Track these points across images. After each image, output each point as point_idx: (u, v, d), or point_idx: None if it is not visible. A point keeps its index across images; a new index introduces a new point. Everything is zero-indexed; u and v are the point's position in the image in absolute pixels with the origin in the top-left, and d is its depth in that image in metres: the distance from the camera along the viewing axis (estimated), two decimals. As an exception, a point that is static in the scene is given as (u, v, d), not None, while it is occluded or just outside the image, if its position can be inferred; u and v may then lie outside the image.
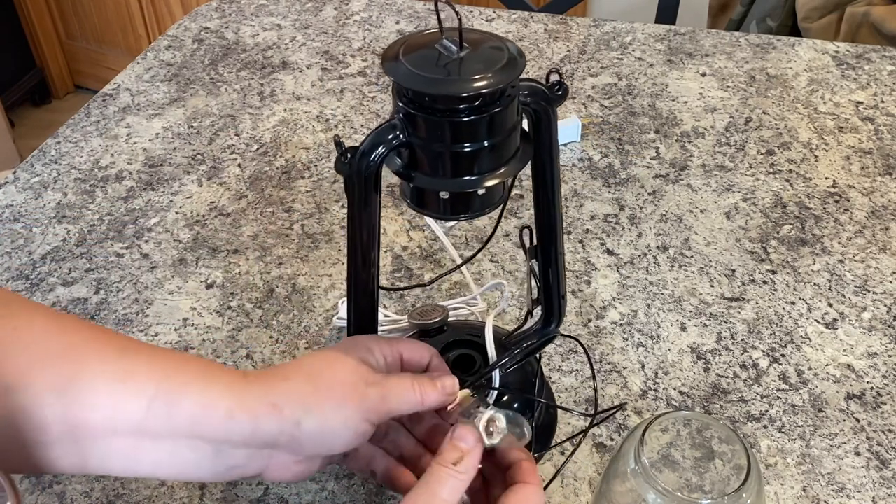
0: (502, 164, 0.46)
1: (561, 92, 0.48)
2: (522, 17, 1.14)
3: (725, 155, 0.89)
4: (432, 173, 0.46)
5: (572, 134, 0.91)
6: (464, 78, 0.42)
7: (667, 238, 0.79)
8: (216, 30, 1.14)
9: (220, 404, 0.43)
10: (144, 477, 0.45)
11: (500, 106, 0.44)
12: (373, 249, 0.51)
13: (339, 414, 0.45)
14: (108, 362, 0.43)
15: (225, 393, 0.44)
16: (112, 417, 0.42)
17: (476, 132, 0.44)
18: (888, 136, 0.91)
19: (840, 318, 0.70)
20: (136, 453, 0.43)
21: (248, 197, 0.85)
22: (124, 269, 0.77)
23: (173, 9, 2.33)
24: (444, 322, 0.61)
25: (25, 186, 0.87)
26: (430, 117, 0.44)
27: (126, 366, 0.43)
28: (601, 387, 0.65)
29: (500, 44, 0.45)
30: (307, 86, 1.01)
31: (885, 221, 0.80)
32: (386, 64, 0.44)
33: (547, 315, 0.58)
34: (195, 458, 0.44)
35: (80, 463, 0.43)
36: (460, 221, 0.80)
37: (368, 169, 0.47)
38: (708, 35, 1.09)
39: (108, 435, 0.42)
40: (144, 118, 0.97)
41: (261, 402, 0.44)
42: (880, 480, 0.58)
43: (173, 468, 0.44)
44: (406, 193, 0.49)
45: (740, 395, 0.64)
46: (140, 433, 0.43)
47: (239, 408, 0.43)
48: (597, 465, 0.60)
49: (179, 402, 0.43)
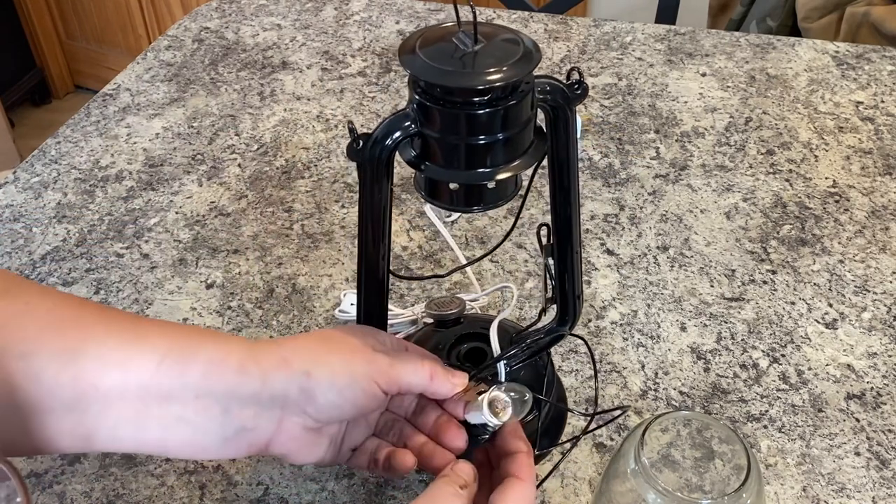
0: (514, 159, 0.47)
1: (580, 90, 0.48)
2: (522, 17, 1.14)
3: (725, 155, 0.89)
4: (444, 164, 0.46)
5: None
6: (477, 71, 0.43)
7: (667, 238, 0.79)
8: (216, 30, 1.14)
9: (232, 358, 0.44)
10: (151, 452, 0.45)
11: (514, 100, 0.44)
12: (384, 238, 0.51)
13: (347, 368, 0.46)
14: (118, 329, 0.43)
15: (236, 349, 0.45)
16: (122, 377, 0.42)
17: (488, 125, 0.45)
18: (888, 136, 0.91)
19: (840, 318, 0.70)
20: (143, 419, 0.43)
21: (248, 197, 0.85)
22: (124, 269, 0.77)
23: (173, 9, 2.33)
24: (460, 314, 0.62)
25: (25, 186, 0.87)
26: (443, 109, 0.44)
27: (137, 330, 0.44)
28: (601, 387, 0.65)
29: (515, 37, 0.45)
30: (307, 86, 1.01)
31: (885, 221, 0.80)
32: (403, 56, 0.44)
33: (562, 314, 0.58)
34: (203, 421, 0.44)
35: (85, 435, 0.42)
36: (473, 213, 0.80)
37: (381, 155, 0.47)
38: (708, 35, 1.09)
39: (116, 399, 0.42)
40: (144, 118, 0.97)
41: (271, 356, 0.45)
42: (880, 480, 0.58)
43: (180, 436, 0.44)
44: (419, 184, 0.50)
45: (740, 395, 0.64)
46: (149, 395, 0.42)
47: (250, 360, 0.44)
48: (597, 465, 0.60)
49: (193, 357, 0.43)
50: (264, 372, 0.44)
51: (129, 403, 0.42)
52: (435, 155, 0.46)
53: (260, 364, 0.44)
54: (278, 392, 0.45)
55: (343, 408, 0.47)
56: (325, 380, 0.45)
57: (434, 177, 0.48)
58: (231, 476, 0.59)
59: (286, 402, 0.45)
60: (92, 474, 0.60)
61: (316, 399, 0.45)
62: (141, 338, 0.43)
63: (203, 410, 0.44)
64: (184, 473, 0.60)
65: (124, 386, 0.42)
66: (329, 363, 0.46)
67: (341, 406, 0.46)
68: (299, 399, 0.45)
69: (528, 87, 0.45)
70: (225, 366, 0.44)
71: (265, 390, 0.44)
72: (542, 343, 0.58)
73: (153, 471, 0.60)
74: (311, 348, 0.46)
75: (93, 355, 0.42)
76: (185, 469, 0.60)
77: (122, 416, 0.42)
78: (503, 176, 0.46)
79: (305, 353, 0.46)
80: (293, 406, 0.45)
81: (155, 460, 0.60)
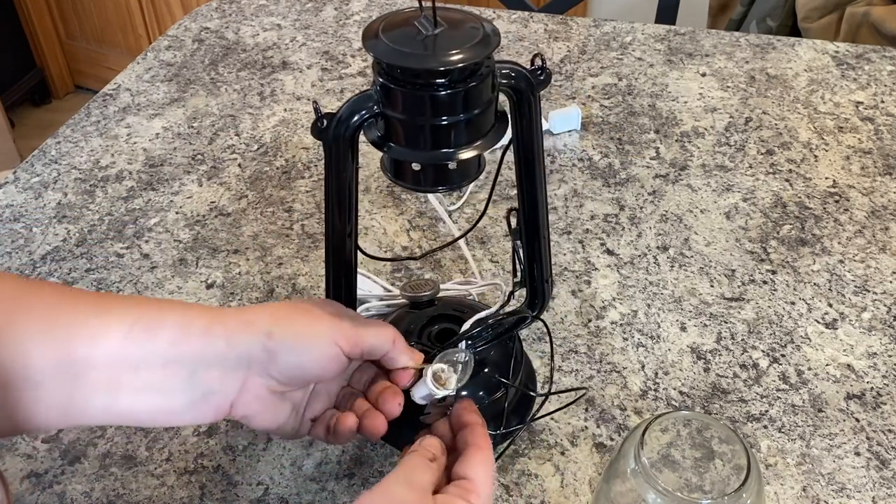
0: (476, 139, 0.48)
1: (543, 76, 0.49)
2: (522, 17, 1.15)
3: (725, 155, 0.89)
4: (406, 145, 0.48)
5: (573, 122, 0.93)
6: (437, 53, 0.44)
7: (667, 238, 0.79)
8: (216, 30, 1.14)
9: (198, 322, 0.45)
10: (123, 422, 0.46)
11: (473, 81, 0.45)
12: (350, 216, 0.52)
13: (310, 329, 0.48)
14: (83, 305, 0.44)
15: (202, 314, 0.46)
16: (92, 350, 0.43)
17: (449, 106, 0.46)
18: (888, 136, 0.91)
19: (840, 318, 0.70)
20: (115, 388, 0.44)
21: (249, 197, 0.85)
22: (124, 269, 0.77)
23: (173, 9, 2.33)
24: (434, 296, 0.63)
25: (25, 186, 0.87)
26: (404, 90, 0.45)
27: (102, 305, 0.45)
28: (601, 387, 0.65)
29: (476, 23, 0.46)
30: (307, 86, 1.01)
31: (884, 221, 0.80)
32: (367, 41, 0.46)
33: (531, 298, 0.59)
34: (170, 385, 0.45)
35: (61, 408, 0.43)
36: (438, 194, 0.80)
37: (345, 134, 0.48)
38: (708, 35, 1.09)
39: (88, 370, 0.43)
40: (144, 118, 0.97)
41: (236, 319, 0.46)
42: (880, 480, 0.58)
43: (150, 403, 0.45)
44: (385, 166, 0.51)
45: (740, 395, 0.64)
46: (118, 364, 0.44)
47: (215, 323, 0.46)
48: (597, 465, 0.60)
49: (160, 325, 0.45)
50: (229, 333, 0.46)
51: (101, 373, 0.43)
52: (398, 135, 0.48)
53: (225, 325, 0.46)
54: (243, 352, 0.46)
55: (305, 368, 0.48)
56: (288, 340, 0.47)
57: (398, 157, 0.49)
58: (231, 476, 0.59)
59: (250, 362, 0.46)
60: (92, 474, 0.60)
61: (278, 359, 0.47)
62: (106, 311, 0.44)
63: (171, 376, 0.45)
64: (184, 473, 0.60)
65: (95, 358, 0.43)
66: (292, 324, 0.47)
67: (304, 366, 0.48)
68: (263, 359, 0.46)
69: (487, 70, 0.46)
70: (191, 331, 0.45)
71: (230, 351, 0.46)
72: (507, 324, 0.59)
73: (153, 471, 0.60)
74: (275, 312, 0.48)
75: (63, 332, 0.43)
76: (185, 469, 0.60)
77: (96, 386, 0.44)
78: (465, 156, 0.48)
79: (269, 316, 0.47)
80: (257, 366, 0.47)
81: (155, 460, 0.61)
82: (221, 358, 0.46)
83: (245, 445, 0.62)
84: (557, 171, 0.87)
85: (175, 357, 0.45)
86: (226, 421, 0.63)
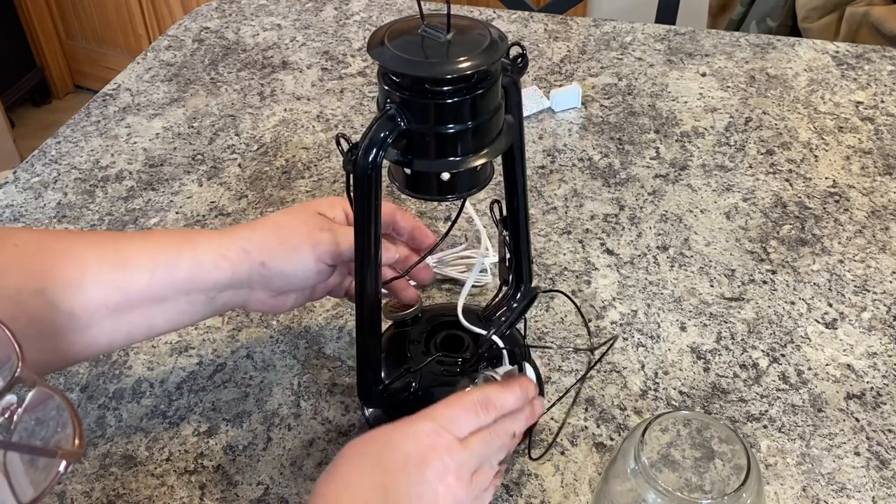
0: (494, 140, 0.49)
1: (522, 63, 0.51)
2: (522, 17, 1.15)
3: (725, 155, 0.89)
4: (436, 156, 0.48)
5: (573, 100, 0.95)
6: (451, 59, 0.45)
7: (667, 238, 0.79)
8: (216, 30, 1.14)
9: (207, 259, 0.55)
10: (162, 333, 0.58)
11: (489, 84, 0.46)
12: (380, 244, 0.53)
13: (295, 255, 0.56)
14: (107, 256, 0.53)
15: (209, 251, 0.55)
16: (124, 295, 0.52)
17: (481, 108, 0.47)
18: (888, 136, 0.91)
19: (840, 318, 0.70)
20: (151, 318, 0.54)
21: (249, 197, 0.85)
22: (124, 269, 0.77)
23: (173, 9, 2.33)
24: (419, 310, 0.63)
25: (25, 186, 0.87)
26: (440, 101, 0.46)
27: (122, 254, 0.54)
28: (601, 386, 0.65)
29: (483, 29, 0.47)
30: (307, 86, 1.01)
31: (884, 221, 0.80)
32: (374, 52, 0.46)
33: (517, 279, 0.60)
34: (194, 308, 0.56)
35: (106, 343, 0.53)
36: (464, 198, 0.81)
37: (377, 159, 0.47)
38: (708, 35, 1.09)
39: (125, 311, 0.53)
40: (144, 118, 0.97)
41: (236, 250, 0.56)
42: (880, 480, 0.58)
43: (180, 320, 0.56)
44: (398, 179, 0.51)
45: (740, 395, 0.64)
46: (149, 301, 0.53)
47: (220, 258, 0.55)
48: (597, 465, 0.60)
49: (176, 266, 0.54)
50: (232, 264, 0.55)
51: (136, 310, 0.53)
52: (425, 149, 0.47)
53: (228, 258, 0.55)
54: (244, 277, 0.56)
55: (296, 284, 0.58)
56: (278, 268, 0.56)
57: (427, 170, 0.49)
58: (231, 476, 0.59)
59: (251, 283, 0.57)
60: (92, 474, 0.60)
61: (273, 281, 0.57)
62: (127, 260, 0.53)
63: (193, 302, 0.55)
64: (184, 473, 0.60)
65: (127, 300, 0.53)
66: (280, 254, 0.56)
67: (294, 283, 0.58)
68: (261, 281, 0.57)
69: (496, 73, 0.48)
70: (202, 267, 0.55)
71: (235, 277, 0.56)
72: (521, 306, 0.60)
73: (153, 471, 0.60)
74: (265, 240, 0.56)
75: (92, 282, 0.51)
76: (185, 469, 0.60)
77: (133, 322, 0.54)
78: (485, 159, 0.49)
79: (261, 246, 0.56)
80: (257, 285, 0.57)
81: (155, 460, 0.61)
82: (229, 281, 0.56)
83: (245, 445, 0.62)
84: (557, 171, 0.87)
85: (194, 288, 0.55)
86: (226, 421, 0.63)
